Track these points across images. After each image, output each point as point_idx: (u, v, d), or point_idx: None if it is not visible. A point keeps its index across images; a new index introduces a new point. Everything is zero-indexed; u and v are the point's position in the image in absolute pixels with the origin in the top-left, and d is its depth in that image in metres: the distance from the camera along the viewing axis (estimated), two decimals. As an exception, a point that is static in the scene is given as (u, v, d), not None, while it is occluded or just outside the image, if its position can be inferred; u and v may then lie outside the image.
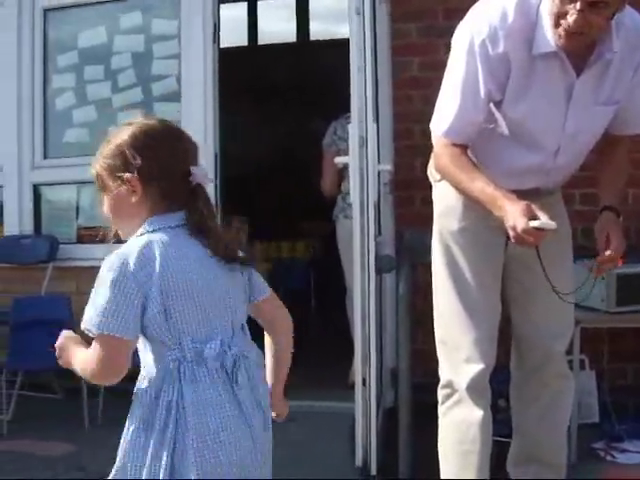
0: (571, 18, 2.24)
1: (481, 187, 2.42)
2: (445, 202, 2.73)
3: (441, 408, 2.78)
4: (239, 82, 5.44)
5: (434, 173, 2.79)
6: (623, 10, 2.32)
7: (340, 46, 8.04)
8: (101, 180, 1.87)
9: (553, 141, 2.56)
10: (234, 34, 9.83)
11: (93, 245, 4.48)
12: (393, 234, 4.12)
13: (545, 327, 2.73)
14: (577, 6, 2.21)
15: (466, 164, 2.50)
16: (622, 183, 2.71)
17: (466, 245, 2.67)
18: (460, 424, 2.70)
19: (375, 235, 3.31)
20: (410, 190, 4.32)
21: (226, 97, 4.80)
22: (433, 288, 2.79)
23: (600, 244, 2.52)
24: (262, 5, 10.68)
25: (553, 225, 2.28)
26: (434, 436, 2.87)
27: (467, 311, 2.67)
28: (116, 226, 1.91)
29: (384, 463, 3.40)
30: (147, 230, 1.80)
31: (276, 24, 11.36)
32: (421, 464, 3.27)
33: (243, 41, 10.54)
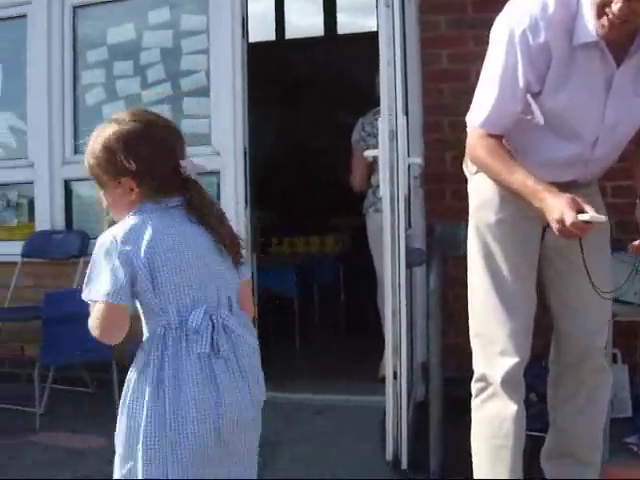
0: (616, 7, 2.22)
1: (521, 179, 2.41)
2: (482, 195, 2.71)
3: (474, 402, 2.76)
4: (267, 77, 5.43)
5: (470, 166, 2.77)
6: None
7: (368, 39, 8.06)
8: (98, 178, 2.00)
9: (592, 132, 2.53)
10: (261, 28, 9.82)
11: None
12: (423, 228, 4.12)
13: (583, 319, 2.70)
14: None
15: (504, 155, 2.50)
16: None
17: (503, 237, 2.65)
18: (493, 418, 2.68)
19: (405, 228, 3.31)
20: (440, 183, 4.31)
21: (254, 92, 4.79)
22: (468, 281, 2.77)
23: None
24: (289, -1, 10.68)
25: (603, 218, 2.29)
26: (465, 430, 2.86)
27: (503, 304, 2.65)
28: (115, 216, 2.01)
29: (414, 457, 3.39)
30: (141, 211, 1.93)
31: (303, 18, 11.35)
32: (451, 458, 3.25)
33: (270, 35, 10.53)
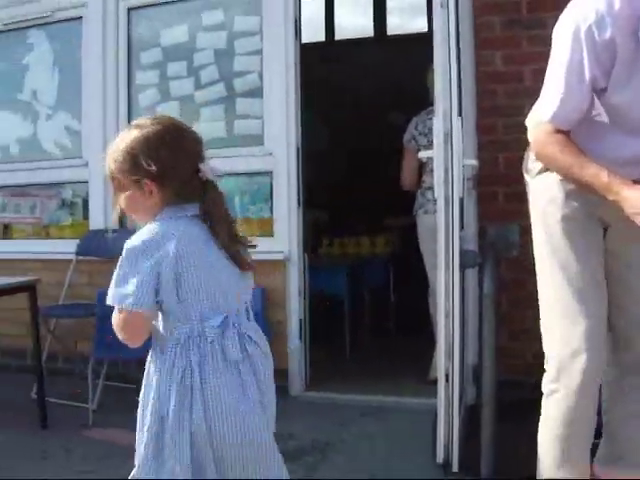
0: None
1: (594, 172, 2.40)
2: (547, 193, 2.68)
3: (545, 401, 2.70)
4: (316, 77, 5.45)
5: (532, 167, 2.74)
6: None
7: (417, 40, 8.03)
8: (117, 182, 2.02)
9: None
10: (311, 29, 9.83)
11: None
12: (476, 230, 4.09)
13: None
14: None
15: (574, 150, 2.48)
16: None
17: (572, 234, 2.62)
18: (565, 419, 2.64)
19: (459, 230, 3.29)
20: (493, 186, 4.27)
21: (305, 92, 4.80)
22: (538, 281, 2.73)
23: None
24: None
25: None
26: (516, 434, 2.83)
27: (575, 302, 2.60)
28: (134, 219, 2.07)
29: (464, 460, 3.37)
30: (165, 217, 1.96)
31: (353, 19, 11.33)
32: (502, 462, 3.22)
33: (320, 36, 10.55)
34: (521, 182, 2.88)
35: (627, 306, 2.71)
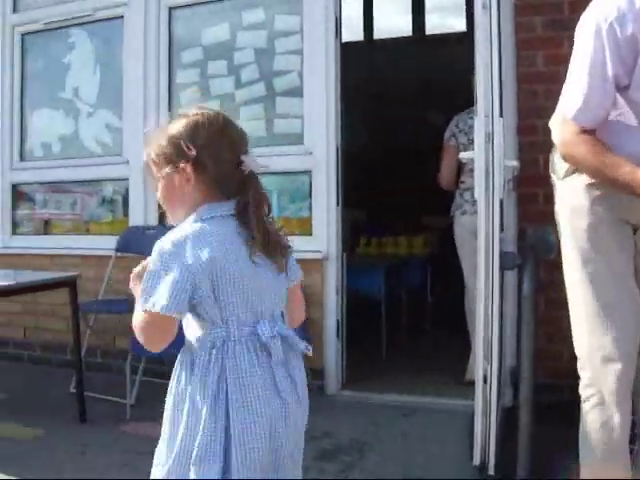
0: None
1: (630, 170, 2.38)
2: (574, 199, 2.66)
3: (584, 407, 2.68)
4: (355, 77, 5.44)
5: (558, 169, 2.72)
6: None
7: (456, 40, 7.99)
8: (156, 167, 1.96)
9: None
10: (350, 29, 9.84)
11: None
12: (516, 231, 4.07)
13: None
14: None
15: (604, 149, 2.47)
16: None
17: (601, 241, 2.60)
18: (602, 426, 2.61)
19: (499, 232, 3.27)
20: (533, 187, 4.23)
21: (344, 91, 4.80)
22: (568, 287, 2.71)
23: None
24: (378, -1, 10.67)
25: None
26: (552, 438, 2.81)
27: (606, 309, 2.58)
28: (168, 211, 2.01)
29: (500, 463, 3.35)
30: (199, 218, 1.88)
31: (392, 18, 11.31)
32: (538, 465, 3.20)
33: (359, 36, 10.55)
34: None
35: None
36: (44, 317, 5.62)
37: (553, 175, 2.80)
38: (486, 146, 3.18)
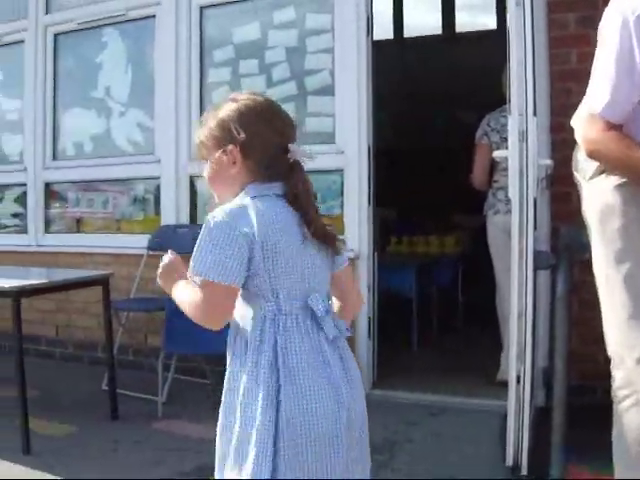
0: None
1: None
2: (603, 200, 2.61)
3: (619, 408, 2.64)
4: (385, 75, 5.42)
5: (587, 168, 2.68)
6: None
7: (486, 38, 7.93)
8: (205, 148, 2.00)
9: None
10: (380, 27, 9.83)
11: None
12: (549, 230, 4.04)
13: None
14: None
15: (634, 144, 2.43)
16: None
17: (632, 241, 2.55)
18: (638, 427, 2.58)
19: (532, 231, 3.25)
20: (566, 186, 4.18)
21: (375, 90, 4.79)
22: (599, 288, 2.67)
23: None
24: (408, -3, 10.66)
25: None
26: (585, 440, 2.78)
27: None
28: (215, 192, 2.03)
29: (533, 464, 3.33)
30: (250, 194, 1.91)
31: (421, 16, 11.30)
32: (569, 467, 3.18)
33: (389, 34, 10.53)
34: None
35: None
36: (76, 315, 5.67)
37: (577, 175, 2.77)
38: (520, 145, 3.16)
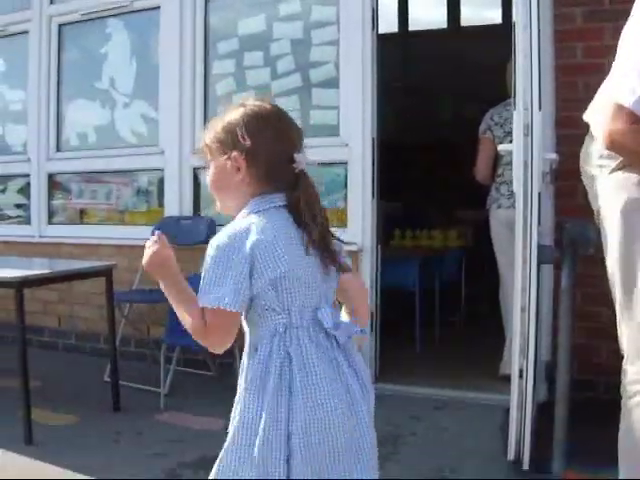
0: None
1: None
2: (627, 195, 2.56)
3: (628, 403, 2.59)
4: (390, 69, 5.41)
5: (606, 162, 2.65)
6: None
7: (491, 32, 7.91)
8: (209, 152, 1.97)
9: None
10: (384, 20, 9.80)
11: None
12: (552, 225, 4.03)
13: None
14: None
15: None
16: None
17: None
18: None
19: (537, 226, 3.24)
20: (571, 181, 4.16)
21: (379, 84, 4.77)
22: (615, 284, 2.62)
23: None
24: (413, -9, 10.62)
25: None
26: (586, 435, 2.76)
27: None
28: (217, 198, 2.00)
29: (534, 458, 3.33)
30: (252, 210, 1.88)
31: (426, 10, 11.26)
32: (573, 462, 3.17)
33: (393, 27, 10.50)
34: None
35: None
36: (79, 306, 5.68)
37: (590, 169, 2.73)
38: (525, 139, 3.15)
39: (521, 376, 3.28)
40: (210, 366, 4.89)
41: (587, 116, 2.70)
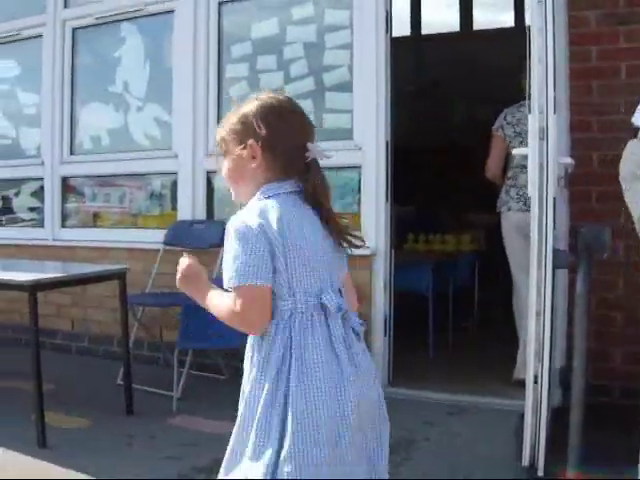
0: None
1: None
2: None
3: None
4: (403, 72, 5.39)
5: None
6: None
7: (504, 35, 7.88)
8: (225, 144, 2.04)
9: None
10: (397, 24, 9.80)
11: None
12: (567, 229, 4.01)
13: None
14: None
15: None
16: None
17: None
18: None
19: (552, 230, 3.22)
20: (586, 185, 4.18)
21: (392, 87, 4.76)
22: None
23: None
24: (426, -6, 10.61)
25: None
26: (601, 440, 2.74)
27: None
28: (232, 188, 2.07)
29: (548, 464, 3.31)
30: (263, 196, 1.95)
31: (439, 13, 11.25)
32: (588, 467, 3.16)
33: (406, 31, 10.49)
34: (615, 182, 2.79)
35: None
36: (92, 309, 5.68)
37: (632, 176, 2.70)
38: (540, 143, 3.13)
39: (536, 381, 3.26)
40: (223, 370, 4.89)
41: (636, 119, 2.67)
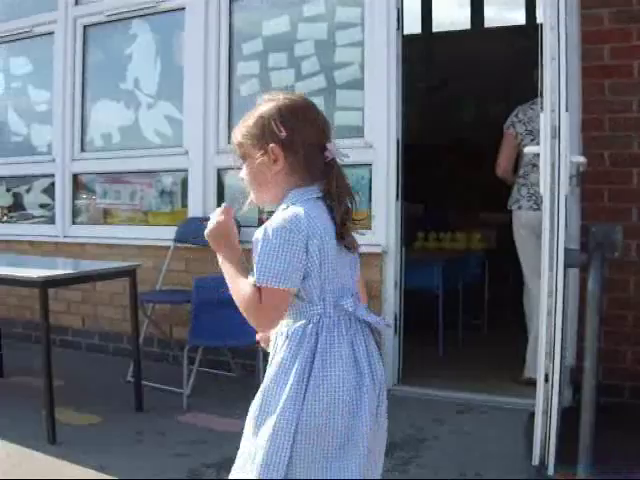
0: None
1: None
2: None
3: None
4: (414, 70, 5.37)
5: None
6: None
7: (515, 33, 7.86)
8: (243, 148, 1.98)
9: None
10: (408, 21, 9.77)
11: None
12: (579, 228, 3.99)
13: None
14: None
15: None
16: None
17: None
18: None
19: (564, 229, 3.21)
20: (597, 183, 4.15)
21: (403, 85, 4.74)
22: None
23: None
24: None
25: None
26: (611, 439, 2.73)
27: None
28: (253, 192, 2.01)
29: (559, 463, 3.30)
30: (294, 201, 1.91)
31: (450, 11, 11.21)
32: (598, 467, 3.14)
33: (417, 28, 10.46)
34: (628, 180, 2.78)
35: None
36: (102, 306, 5.69)
37: None
38: (552, 141, 3.12)
39: (547, 380, 3.25)
40: (232, 367, 4.89)
41: None
